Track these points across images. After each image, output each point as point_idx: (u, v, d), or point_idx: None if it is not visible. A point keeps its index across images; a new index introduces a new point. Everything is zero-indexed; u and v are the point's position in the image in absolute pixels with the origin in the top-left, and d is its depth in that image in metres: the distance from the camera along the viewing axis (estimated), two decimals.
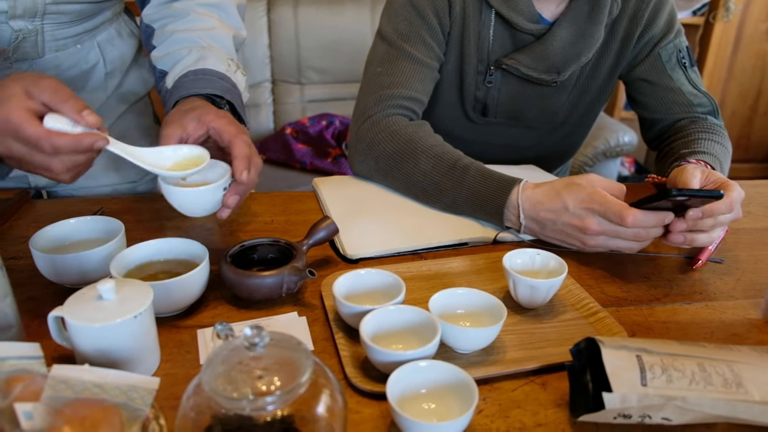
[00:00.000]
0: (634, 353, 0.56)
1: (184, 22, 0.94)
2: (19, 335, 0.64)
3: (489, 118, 1.20)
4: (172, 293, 0.70)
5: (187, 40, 0.92)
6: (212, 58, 0.90)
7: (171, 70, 0.91)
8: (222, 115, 0.79)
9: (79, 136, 0.65)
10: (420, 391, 0.58)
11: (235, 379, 0.48)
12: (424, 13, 1.08)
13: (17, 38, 0.90)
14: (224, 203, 0.77)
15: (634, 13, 1.11)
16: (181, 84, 0.87)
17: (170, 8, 0.96)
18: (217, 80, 0.88)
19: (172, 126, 0.77)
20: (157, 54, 0.95)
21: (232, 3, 1.01)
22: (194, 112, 0.79)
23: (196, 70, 0.87)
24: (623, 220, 0.79)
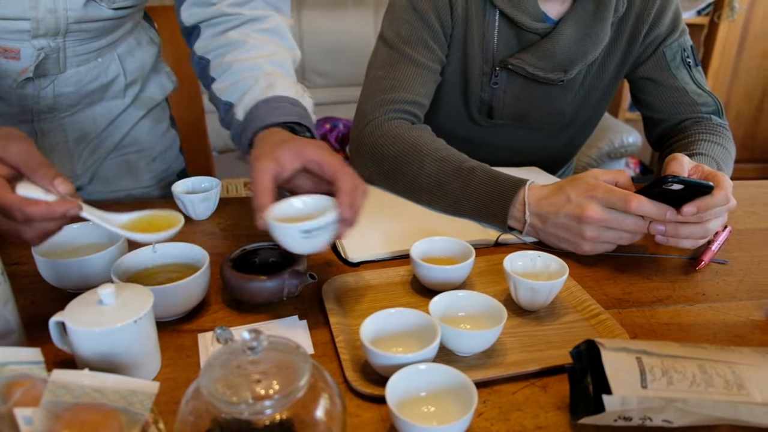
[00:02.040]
0: (634, 355, 0.55)
1: (244, 51, 0.89)
2: (21, 340, 0.64)
3: (495, 119, 1.20)
4: (173, 297, 0.70)
5: (251, 68, 0.87)
6: (281, 84, 0.85)
7: (239, 101, 0.85)
8: (320, 146, 0.74)
9: (52, 204, 0.61)
10: (420, 394, 0.58)
11: (234, 383, 0.48)
12: (426, 15, 1.08)
13: (39, 56, 0.91)
14: (337, 237, 0.71)
15: (641, 11, 1.11)
16: (255, 115, 0.82)
17: (225, 38, 0.91)
18: (290, 107, 0.83)
19: (265, 160, 0.71)
20: (221, 86, 0.89)
21: (285, 25, 0.97)
22: (288, 144, 0.74)
23: (267, 99, 0.83)
24: (627, 204, 0.79)
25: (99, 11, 0.91)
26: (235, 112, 0.85)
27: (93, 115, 1.07)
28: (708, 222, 0.81)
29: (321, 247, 0.69)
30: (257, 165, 0.71)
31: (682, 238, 0.82)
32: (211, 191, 0.97)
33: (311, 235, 0.67)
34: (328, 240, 0.69)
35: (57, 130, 1.04)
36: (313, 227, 0.67)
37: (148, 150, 1.17)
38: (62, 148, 1.05)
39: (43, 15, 0.86)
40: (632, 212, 0.80)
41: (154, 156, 1.18)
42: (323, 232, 0.68)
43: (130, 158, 1.15)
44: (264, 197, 0.68)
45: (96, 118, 1.07)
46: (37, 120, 1.01)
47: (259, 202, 0.68)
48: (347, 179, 0.70)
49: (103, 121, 1.08)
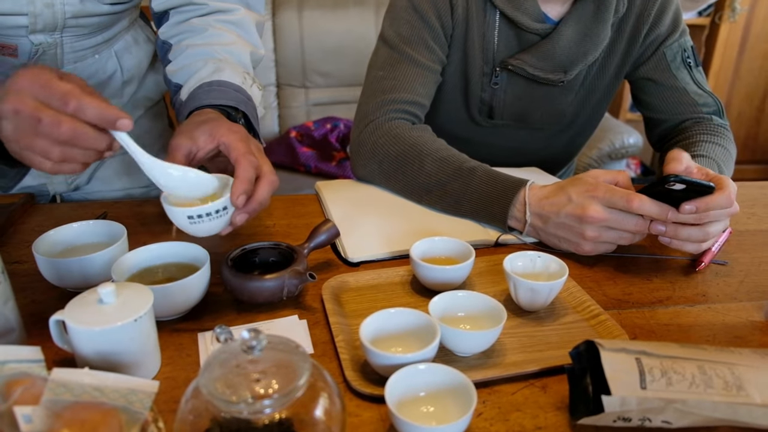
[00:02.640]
0: (634, 356, 0.56)
1: (202, 37, 0.93)
2: (21, 339, 0.64)
3: (495, 120, 1.20)
4: (173, 297, 0.70)
5: (204, 53, 0.91)
6: (228, 70, 0.88)
7: (186, 82, 0.89)
8: (234, 130, 0.76)
9: (106, 105, 0.62)
10: (419, 394, 0.58)
11: (233, 382, 0.48)
12: (426, 15, 1.08)
13: (37, 52, 0.91)
14: (232, 222, 0.73)
15: (641, 12, 1.11)
16: (195, 95, 0.85)
17: (188, 24, 0.95)
18: (232, 92, 0.86)
19: (182, 137, 0.75)
20: (173, 68, 0.93)
21: (251, 20, 0.99)
22: (207, 124, 0.77)
23: (211, 82, 0.86)
24: (629, 203, 0.79)
25: (95, 6, 0.92)
26: (180, 93, 0.89)
27: None
28: (708, 225, 0.81)
29: (212, 232, 0.72)
30: (173, 142, 0.75)
31: (681, 240, 0.82)
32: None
33: (199, 220, 0.70)
34: (221, 226, 0.72)
35: None
36: (198, 213, 0.69)
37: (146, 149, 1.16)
38: None
39: (40, 10, 0.86)
40: (634, 211, 0.81)
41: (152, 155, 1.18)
42: (213, 218, 0.70)
43: (128, 158, 1.14)
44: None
45: None
46: None
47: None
48: (246, 167, 0.72)
49: None
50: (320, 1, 2.51)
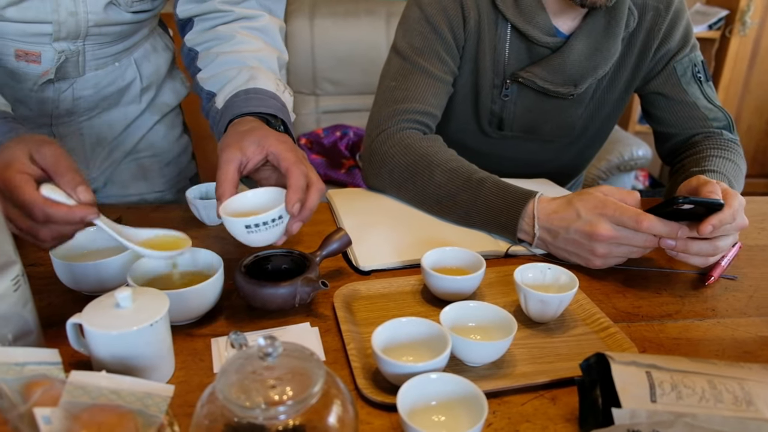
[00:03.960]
0: (644, 369, 0.56)
1: (231, 44, 0.94)
2: (39, 341, 0.65)
3: (505, 131, 1.21)
4: (188, 302, 0.71)
5: (235, 61, 0.91)
6: (262, 77, 0.89)
7: (220, 90, 0.89)
8: (282, 140, 0.77)
9: (72, 208, 0.63)
10: (430, 403, 0.59)
11: (249, 388, 0.49)
12: (439, 27, 1.09)
13: (60, 59, 0.93)
14: (287, 231, 0.74)
15: (651, 27, 1.12)
16: (233, 103, 0.85)
17: (214, 32, 0.96)
18: (269, 99, 0.87)
19: (231, 150, 0.75)
20: (205, 75, 0.94)
21: (275, 26, 1.01)
22: (253, 134, 0.77)
23: (247, 90, 0.86)
24: (638, 224, 0.80)
25: (118, 15, 0.93)
26: (215, 102, 0.89)
27: (109, 119, 1.08)
28: (718, 240, 0.81)
29: (269, 241, 0.73)
30: (223, 155, 0.75)
31: (691, 254, 0.82)
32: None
33: (256, 230, 0.71)
34: (278, 235, 0.73)
35: (74, 135, 1.05)
36: (255, 222, 0.71)
37: (161, 155, 1.19)
38: (79, 152, 1.07)
39: (64, 18, 0.88)
40: (643, 231, 0.81)
41: (168, 161, 1.20)
42: (269, 228, 0.71)
43: (144, 162, 1.17)
44: (225, 187, 0.73)
45: (112, 123, 1.09)
46: (55, 124, 1.02)
47: (220, 191, 0.73)
48: (298, 176, 0.73)
49: (119, 126, 1.10)
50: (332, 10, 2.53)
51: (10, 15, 0.84)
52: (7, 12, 0.84)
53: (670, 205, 0.77)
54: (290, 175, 0.73)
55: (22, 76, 0.93)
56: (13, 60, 0.91)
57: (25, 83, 0.94)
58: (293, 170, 0.73)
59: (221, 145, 0.77)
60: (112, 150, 1.12)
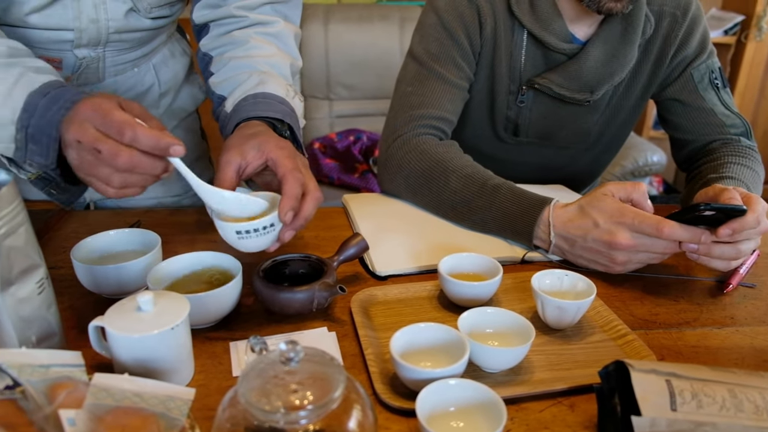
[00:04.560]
0: (664, 377, 0.56)
1: (244, 49, 0.95)
2: (62, 343, 0.66)
3: (520, 137, 1.21)
4: (207, 306, 0.71)
5: (247, 66, 0.92)
6: (272, 82, 0.89)
7: (230, 94, 0.90)
8: (282, 146, 0.78)
9: (161, 134, 0.65)
10: (449, 409, 0.59)
11: (270, 392, 0.50)
12: (455, 33, 1.09)
13: (80, 66, 0.94)
14: (279, 238, 0.75)
15: (668, 34, 1.12)
16: (241, 107, 0.86)
17: (229, 36, 0.97)
18: (277, 104, 0.87)
19: (232, 152, 0.76)
20: (216, 80, 0.95)
21: (289, 32, 1.01)
22: (255, 139, 0.78)
23: (255, 94, 0.87)
24: (659, 231, 0.80)
25: (138, 21, 0.94)
26: (225, 105, 0.90)
27: None
28: (741, 243, 0.81)
29: (260, 248, 0.74)
30: (223, 157, 0.76)
31: (714, 258, 0.82)
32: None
33: (247, 236, 0.72)
34: (270, 242, 0.74)
35: None
36: (247, 228, 0.71)
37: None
38: None
39: (86, 25, 0.89)
40: (664, 238, 0.81)
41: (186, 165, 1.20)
42: (261, 234, 0.72)
43: None
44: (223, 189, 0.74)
45: None
46: None
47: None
48: (293, 184, 0.73)
49: None
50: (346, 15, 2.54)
51: (33, 22, 0.85)
52: (31, 19, 0.85)
53: (692, 212, 0.76)
54: (285, 183, 0.73)
55: None
56: None
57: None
58: (288, 178, 0.73)
59: (223, 148, 0.78)
60: None
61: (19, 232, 0.57)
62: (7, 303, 0.58)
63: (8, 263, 0.57)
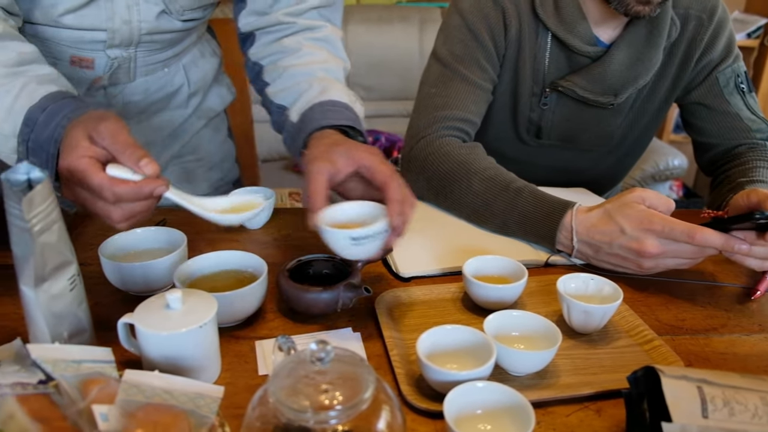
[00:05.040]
0: (695, 384, 0.55)
1: (297, 57, 0.93)
2: (92, 340, 0.67)
3: (543, 140, 1.20)
4: (234, 304, 0.72)
5: (305, 74, 0.91)
6: (334, 89, 0.88)
7: (293, 104, 0.89)
8: (373, 152, 0.76)
9: (139, 183, 0.64)
10: (476, 411, 0.59)
11: (301, 391, 0.50)
12: (480, 35, 1.09)
13: (112, 66, 0.95)
14: (387, 245, 0.71)
15: (693, 37, 1.11)
16: (310, 117, 0.84)
17: (280, 44, 0.96)
18: (344, 111, 0.86)
19: (321, 162, 0.73)
20: (274, 89, 0.93)
21: (336, 36, 1.01)
22: (340, 146, 0.76)
23: (322, 102, 0.85)
24: (692, 238, 0.79)
25: (170, 23, 0.95)
26: (288, 115, 0.89)
27: (157, 123, 1.11)
28: None
29: (369, 255, 0.71)
30: (313, 167, 0.73)
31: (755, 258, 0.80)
32: (266, 201, 1.00)
33: (359, 242, 0.69)
34: (378, 248, 0.71)
35: None
36: (362, 235, 0.69)
37: (206, 159, 1.21)
38: None
39: (118, 26, 0.90)
40: (697, 245, 0.79)
41: (212, 165, 1.22)
42: (372, 240, 0.69)
43: (189, 166, 1.19)
44: (318, 199, 0.70)
45: (159, 127, 1.12)
46: None
47: (312, 203, 0.70)
48: (397, 189, 0.71)
49: (166, 130, 1.13)
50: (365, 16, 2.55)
51: (67, 22, 0.87)
52: (65, 19, 0.86)
53: (747, 220, 0.76)
54: (389, 189, 0.71)
55: (75, 81, 0.95)
56: (67, 65, 0.93)
57: (79, 88, 0.96)
58: (391, 183, 0.71)
59: (308, 158, 0.76)
60: (159, 153, 1.14)
61: (53, 229, 0.58)
62: (41, 299, 0.59)
63: (42, 260, 0.58)
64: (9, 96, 0.72)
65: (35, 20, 0.87)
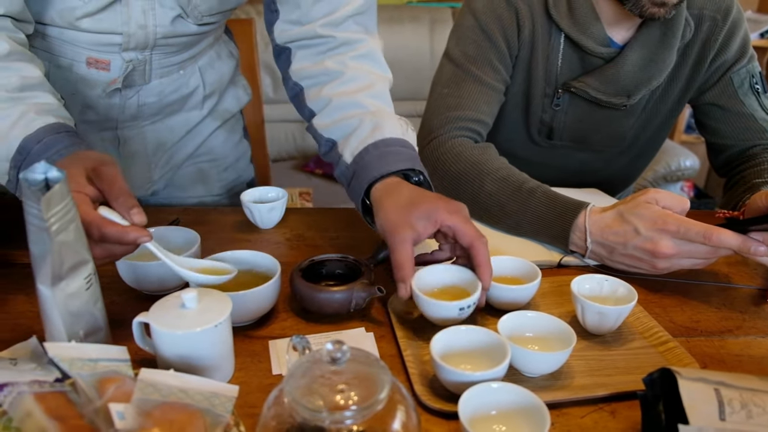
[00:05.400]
0: (712, 386, 0.55)
1: (341, 83, 0.90)
2: (107, 338, 0.67)
3: (554, 141, 1.20)
4: (248, 304, 0.72)
5: (352, 105, 0.88)
6: (387, 124, 0.84)
7: (345, 142, 0.86)
8: (454, 210, 0.75)
9: (126, 228, 0.66)
10: (490, 412, 0.59)
11: (316, 391, 0.50)
12: (493, 36, 1.09)
13: (127, 68, 0.96)
14: (478, 305, 0.74)
15: (707, 38, 1.10)
16: (367, 162, 0.82)
17: (322, 66, 0.91)
18: (401, 149, 0.83)
19: (403, 230, 0.73)
20: (322, 122, 0.90)
21: (377, 47, 0.96)
22: (419, 208, 0.75)
23: (376, 143, 0.82)
24: (708, 239, 0.78)
25: (186, 27, 0.95)
26: (341, 153, 0.86)
27: (172, 124, 1.11)
28: None
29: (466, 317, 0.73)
30: (396, 237, 0.73)
31: None
32: (278, 201, 1.00)
33: (465, 311, 0.72)
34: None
35: (138, 138, 1.08)
36: (469, 303, 0.71)
37: (220, 160, 1.21)
38: (141, 155, 1.10)
39: (134, 30, 0.90)
40: (712, 245, 0.79)
41: (226, 166, 1.22)
42: (474, 306, 0.73)
43: (203, 167, 1.19)
44: (407, 268, 0.72)
45: (174, 128, 1.12)
46: (120, 128, 1.05)
47: (402, 273, 0.72)
48: (483, 250, 0.73)
49: (181, 131, 1.13)
50: None
51: (84, 26, 0.87)
52: (83, 23, 0.87)
53: (766, 221, 0.76)
54: (476, 252, 0.72)
55: (92, 82, 0.96)
56: (84, 67, 0.94)
57: (95, 89, 0.97)
58: (476, 245, 0.72)
59: (388, 225, 0.75)
60: (173, 154, 1.15)
61: (69, 228, 0.58)
62: (57, 298, 0.60)
63: (59, 259, 0.58)
64: (7, 121, 0.74)
65: (52, 22, 0.88)
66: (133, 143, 1.08)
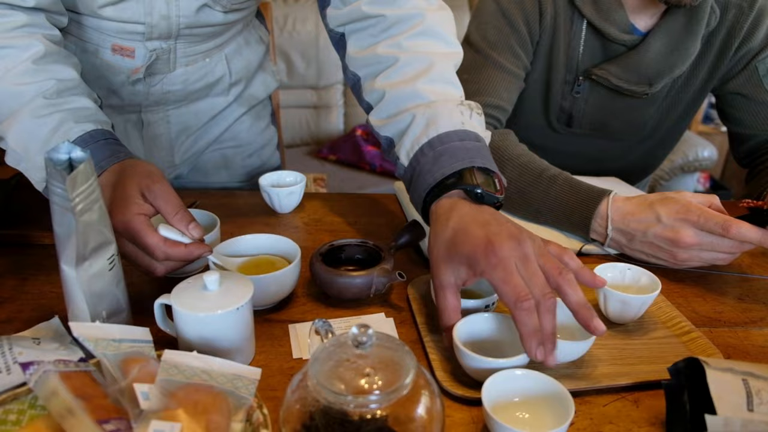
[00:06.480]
0: (740, 377, 0.54)
1: (395, 72, 0.82)
2: (129, 319, 0.67)
3: (574, 128, 1.19)
4: (269, 287, 0.72)
5: (407, 97, 0.80)
6: (442, 116, 0.76)
7: (399, 142, 0.79)
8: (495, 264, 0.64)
9: (190, 248, 0.69)
10: (513, 399, 0.59)
11: (341, 375, 0.50)
12: (515, 22, 1.08)
13: (151, 57, 0.95)
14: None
15: (733, 25, 1.08)
16: (422, 167, 0.75)
17: (374, 54, 0.84)
18: (458, 144, 0.74)
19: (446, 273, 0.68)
20: (377, 119, 0.84)
21: (440, 20, 0.85)
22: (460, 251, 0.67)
23: (431, 141, 0.75)
24: (726, 231, 0.77)
25: (211, 16, 0.93)
26: (397, 154, 0.80)
27: (196, 109, 1.10)
28: None
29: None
30: (436, 280, 0.69)
31: None
32: (296, 185, 1.00)
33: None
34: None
35: (161, 122, 1.08)
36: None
37: (245, 146, 1.20)
38: (165, 139, 1.10)
39: (156, 21, 0.89)
40: (731, 238, 0.78)
41: (251, 152, 1.21)
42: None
43: (227, 153, 1.19)
44: (451, 316, 0.67)
45: (199, 113, 1.11)
46: (144, 111, 1.05)
47: (446, 321, 0.67)
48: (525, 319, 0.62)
49: (206, 116, 1.12)
50: None
51: (107, 14, 0.86)
52: (105, 11, 0.86)
53: None
54: (516, 321, 0.62)
55: (117, 68, 0.95)
56: (109, 53, 0.93)
57: (119, 76, 0.96)
58: (516, 315, 0.61)
59: (431, 259, 0.71)
60: (197, 139, 1.14)
61: (94, 208, 0.58)
62: (81, 278, 0.60)
63: (84, 239, 0.58)
64: (46, 128, 0.74)
65: (78, 10, 0.87)
66: (156, 126, 1.08)
